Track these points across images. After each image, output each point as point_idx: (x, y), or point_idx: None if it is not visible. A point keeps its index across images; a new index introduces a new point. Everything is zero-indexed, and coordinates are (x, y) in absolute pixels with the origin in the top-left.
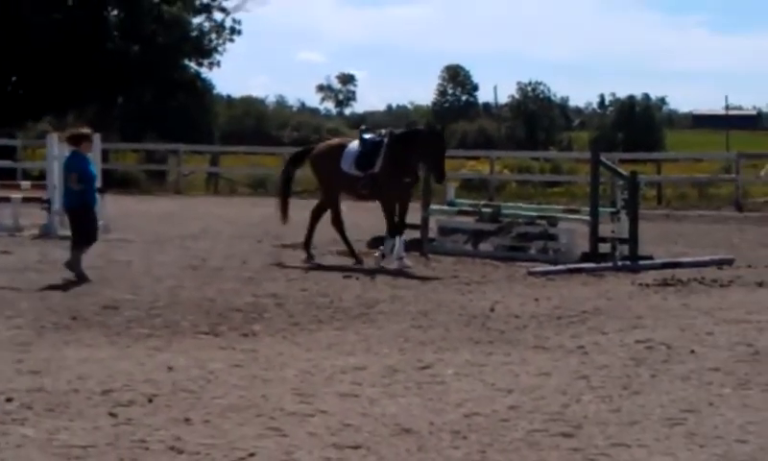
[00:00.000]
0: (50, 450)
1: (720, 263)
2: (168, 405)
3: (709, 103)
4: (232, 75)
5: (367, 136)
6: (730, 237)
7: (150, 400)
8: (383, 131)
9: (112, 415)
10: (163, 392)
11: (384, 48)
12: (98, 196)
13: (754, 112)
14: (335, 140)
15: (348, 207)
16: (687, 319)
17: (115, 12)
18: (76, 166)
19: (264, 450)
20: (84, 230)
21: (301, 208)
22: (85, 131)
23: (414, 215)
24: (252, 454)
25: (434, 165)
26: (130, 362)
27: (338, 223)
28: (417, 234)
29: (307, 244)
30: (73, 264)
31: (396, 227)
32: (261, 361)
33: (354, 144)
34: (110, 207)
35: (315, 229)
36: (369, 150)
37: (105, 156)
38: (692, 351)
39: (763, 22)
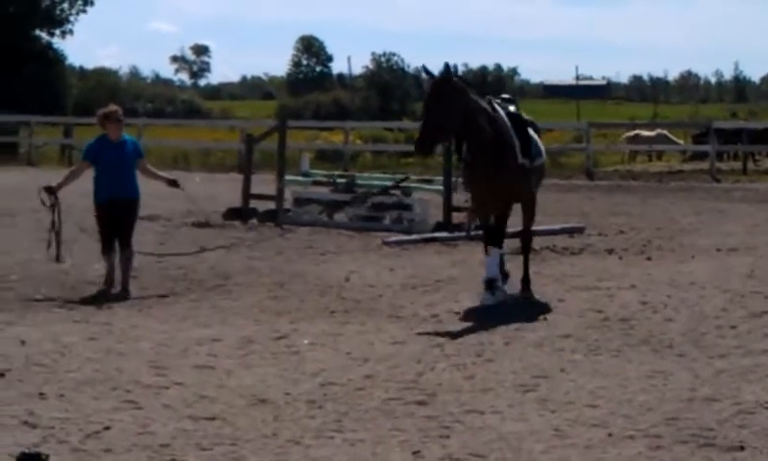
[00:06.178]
0: None
1: (571, 231)
2: (21, 380)
3: (560, 73)
4: (83, 45)
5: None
6: (581, 206)
7: (2, 375)
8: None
9: None
10: (16, 366)
11: (238, 19)
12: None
13: (603, 82)
14: None
15: (202, 179)
16: (539, 286)
17: None
18: (87, 152)
19: (119, 423)
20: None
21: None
22: (109, 109)
23: (268, 187)
24: (107, 428)
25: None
26: None
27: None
28: (272, 205)
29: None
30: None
31: (490, 234)
32: (116, 334)
33: None
34: None
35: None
36: None
37: None
38: (544, 318)
39: None
